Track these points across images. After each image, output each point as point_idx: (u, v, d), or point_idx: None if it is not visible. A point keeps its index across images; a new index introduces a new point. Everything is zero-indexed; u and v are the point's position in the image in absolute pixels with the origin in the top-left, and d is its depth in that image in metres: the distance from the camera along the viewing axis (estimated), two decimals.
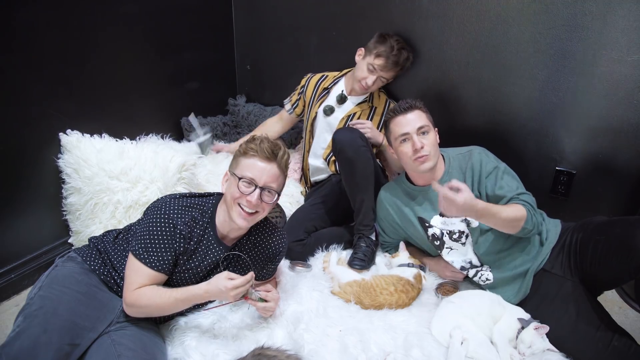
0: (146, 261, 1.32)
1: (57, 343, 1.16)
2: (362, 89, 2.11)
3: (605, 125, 1.94)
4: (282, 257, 1.65)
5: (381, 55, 2.03)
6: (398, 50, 2.05)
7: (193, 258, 1.39)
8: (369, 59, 2.06)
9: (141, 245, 1.33)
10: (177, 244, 1.35)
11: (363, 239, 1.89)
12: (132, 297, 1.31)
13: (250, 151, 1.37)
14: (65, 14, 1.84)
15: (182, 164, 2.00)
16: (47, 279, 1.33)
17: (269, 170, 1.37)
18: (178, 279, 1.40)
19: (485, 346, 1.42)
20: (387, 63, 2.04)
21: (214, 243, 1.41)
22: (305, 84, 2.31)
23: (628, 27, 1.78)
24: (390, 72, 2.09)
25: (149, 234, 1.33)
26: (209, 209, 1.43)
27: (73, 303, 1.26)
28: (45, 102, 1.83)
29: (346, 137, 1.82)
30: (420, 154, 1.60)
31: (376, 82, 2.08)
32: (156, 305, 1.31)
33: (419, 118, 1.64)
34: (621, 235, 1.38)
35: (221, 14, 2.66)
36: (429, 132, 1.63)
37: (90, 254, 1.43)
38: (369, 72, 2.06)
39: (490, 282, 1.64)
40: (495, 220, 1.49)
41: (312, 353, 1.41)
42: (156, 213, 1.35)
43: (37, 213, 1.90)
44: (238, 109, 2.72)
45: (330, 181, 2.19)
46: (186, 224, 1.36)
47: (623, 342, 1.36)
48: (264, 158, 1.37)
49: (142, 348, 1.28)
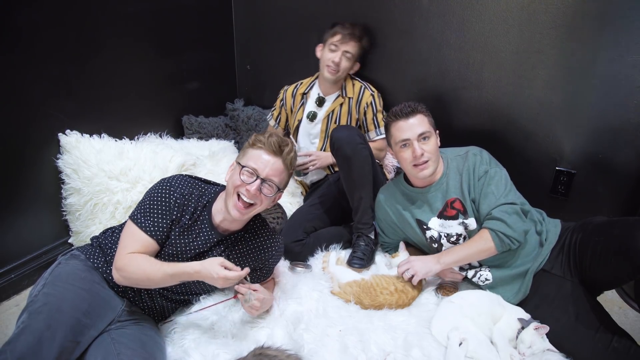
0: (142, 225, 1.36)
1: (61, 339, 1.16)
2: (333, 73, 2.10)
3: (605, 125, 1.94)
4: (275, 263, 1.64)
5: (336, 32, 2.10)
6: (350, 25, 2.12)
7: (185, 235, 1.41)
8: (327, 43, 2.12)
9: (139, 210, 1.39)
10: (172, 210, 1.39)
11: (362, 238, 1.89)
12: (123, 260, 1.33)
13: (258, 143, 1.41)
14: (65, 14, 1.84)
15: (182, 164, 2.00)
16: (50, 276, 1.33)
17: (272, 163, 1.39)
18: (167, 253, 1.41)
19: (485, 346, 1.42)
20: (343, 36, 2.08)
21: (207, 227, 1.44)
22: (283, 97, 2.34)
23: (628, 27, 1.78)
24: (351, 44, 2.10)
25: (148, 199, 1.40)
26: (209, 194, 1.46)
27: (77, 300, 1.27)
28: (45, 102, 1.83)
29: (343, 135, 1.82)
30: (419, 160, 1.60)
31: (342, 59, 2.09)
32: (145, 273, 1.32)
33: (421, 123, 1.61)
34: (620, 236, 1.37)
35: (221, 14, 2.66)
36: (430, 137, 1.62)
37: (93, 252, 1.44)
38: (332, 52, 2.09)
39: (490, 282, 1.64)
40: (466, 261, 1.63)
41: (312, 353, 1.41)
42: (158, 183, 1.43)
43: (37, 213, 1.90)
44: (237, 113, 2.72)
45: (327, 181, 2.19)
46: (183, 195, 1.41)
47: (623, 343, 1.36)
48: (270, 151, 1.39)
49: (141, 347, 1.28)
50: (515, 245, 1.54)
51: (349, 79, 2.22)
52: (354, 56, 2.13)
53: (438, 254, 1.64)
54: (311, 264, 1.89)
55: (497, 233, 1.52)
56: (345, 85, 2.20)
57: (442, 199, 1.67)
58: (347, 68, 2.13)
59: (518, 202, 1.56)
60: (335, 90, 2.20)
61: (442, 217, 1.68)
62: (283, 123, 2.39)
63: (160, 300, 1.46)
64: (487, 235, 1.54)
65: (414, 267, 1.62)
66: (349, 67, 2.14)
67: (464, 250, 1.59)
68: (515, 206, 1.55)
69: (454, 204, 1.65)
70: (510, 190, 1.59)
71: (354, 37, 2.10)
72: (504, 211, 1.53)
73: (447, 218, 1.66)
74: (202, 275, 1.31)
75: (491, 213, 1.55)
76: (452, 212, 1.65)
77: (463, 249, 1.60)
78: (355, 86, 2.20)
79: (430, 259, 1.63)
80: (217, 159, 2.36)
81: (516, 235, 1.52)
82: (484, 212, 1.58)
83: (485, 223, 1.56)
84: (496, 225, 1.53)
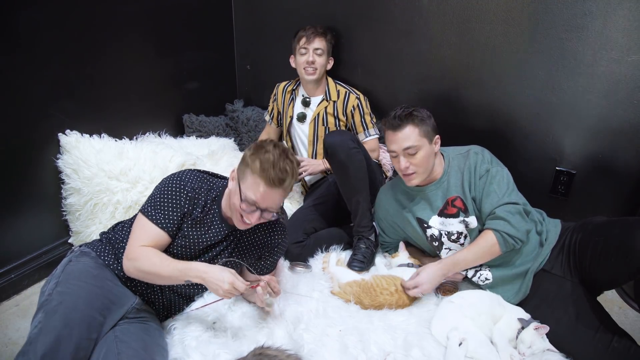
0: (153, 218, 1.37)
1: (77, 337, 1.17)
2: (312, 73, 2.17)
3: (605, 125, 1.94)
4: (281, 251, 1.64)
5: (300, 36, 2.17)
6: (311, 26, 2.19)
7: (197, 227, 1.42)
8: (296, 50, 2.19)
9: (150, 204, 1.40)
10: (184, 203, 1.40)
11: (363, 240, 1.89)
12: (135, 252, 1.35)
13: (257, 172, 1.33)
14: (65, 14, 1.84)
15: (182, 164, 2.00)
16: (63, 274, 1.34)
17: (272, 195, 1.35)
18: (179, 244, 1.42)
19: (485, 346, 1.42)
20: (307, 36, 2.15)
21: (217, 220, 1.45)
22: (275, 92, 2.41)
23: (628, 27, 1.78)
24: (317, 40, 2.16)
25: (159, 193, 1.40)
26: (217, 188, 1.47)
27: (91, 298, 1.28)
28: (45, 102, 1.84)
29: (337, 140, 1.82)
30: (406, 172, 1.61)
31: (315, 57, 2.15)
32: (154, 267, 1.33)
33: (409, 137, 1.57)
34: (620, 236, 1.37)
35: (221, 14, 2.66)
36: (418, 150, 1.58)
37: (104, 249, 1.45)
38: (302, 55, 2.16)
39: (490, 282, 1.64)
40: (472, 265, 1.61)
41: (312, 353, 1.41)
42: (168, 177, 1.44)
43: (37, 213, 1.90)
44: (237, 114, 2.71)
45: (327, 181, 2.19)
46: (194, 189, 1.42)
47: (623, 343, 1.36)
48: (269, 184, 1.33)
49: (143, 348, 1.28)
50: (519, 245, 1.54)
51: (332, 83, 2.25)
52: (324, 51, 2.19)
53: (442, 264, 1.59)
54: (311, 264, 1.89)
55: (502, 233, 1.52)
56: (328, 88, 2.24)
57: (442, 197, 1.67)
58: (323, 64, 2.19)
59: (520, 202, 1.56)
60: (319, 93, 2.25)
61: (442, 215, 1.67)
62: (276, 119, 2.44)
63: (169, 294, 1.48)
64: (491, 237, 1.54)
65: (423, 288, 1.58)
66: (324, 63, 2.20)
67: (469, 255, 1.57)
68: (518, 206, 1.54)
69: (455, 202, 1.65)
70: (513, 190, 1.59)
71: (318, 34, 2.17)
72: (507, 211, 1.53)
73: (447, 216, 1.66)
74: (209, 276, 1.32)
75: (494, 212, 1.55)
76: (452, 210, 1.65)
77: (468, 253, 1.57)
78: (340, 91, 2.23)
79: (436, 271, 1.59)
80: (217, 158, 2.36)
81: (520, 235, 1.52)
82: (486, 211, 1.57)
83: (488, 223, 1.56)
84: (500, 225, 1.52)
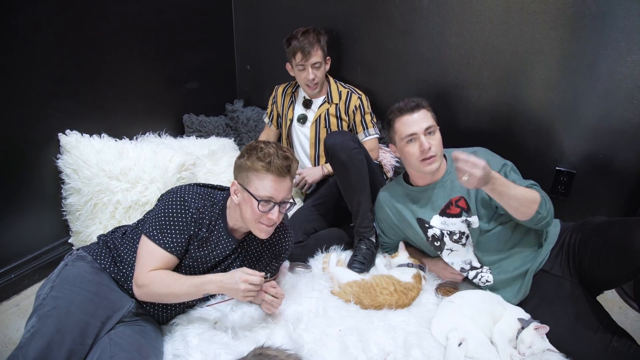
0: (160, 242, 1.34)
1: (69, 343, 1.17)
2: (312, 89, 2.17)
3: (605, 125, 1.94)
4: (287, 255, 1.66)
5: (295, 51, 2.09)
6: (303, 36, 2.09)
7: (204, 247, 1.41)
8: (293, 65, 2.14)
9: (155, 227, 1.36)
10: (189, 226, 1.37)
11: (364, 241, 1.89)
12: (145, 278, 1.32)
13: (262, 169, 1.34)
14: (65, 14, 1.84)
15: (182, 164, 2.00)
16: (58, 278, 1.33)
17: (284, 185, 1.37)
18: (187, 265, 1.41)
19: (485, 346, 1.42)
20: (303, 52, 2.07)
21: (224, 235, 1.44)
22: (274, 94, 2.39)
23: (628, 27, 1.78)
24: (314, 54, 2.09)
25: (163, 215, 1.36)
26: (219, 202, 1.45)
27: (85, 303, 1.27)
28: (45, 102, 1.83)
29: (337, 141, 1.82)
30: (427, 154, 1.58)
31: (315, 72, 2.12)
32: (169, 289, 1.32)
33: (426, 118, 1.61)
34: (619, 236, 1.37)
35: (221, 14, 2.66)
36: (435, 132, 1.62)
37: (100, 252, 1.44)
38: (302, 71, 2.12)
39: (490, 284, 1.64)
40: (509, 197, 1.42)
41: (312, 353, 1.41)
42: (170, 197, 1.39)
43: (37, 213, 1.90)
44: (237, 114, 2.71)
45: (327, 182, 2.19)
46: (198, 210, 1.39)
47: (622, 343, 1.36)
48: (278, 175, 1.35)
49: (136, 350, 1.28)
50: (547, 220, 1.48)
51: (334, 85, 2.25)
52: (322, 62, 2.15)
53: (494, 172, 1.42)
54: (311, 264, 1.89)
55: (544, 198, 1.48)
56: (330, 90, 2.23)
57: (445, 196, 1.66)
58: (323, 74, 2.17)
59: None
60: (321, 95, 2.24)
61: (444, 215, 1.67)
62: (275, 121, 2.43)
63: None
64: (536, 195, 1.47)
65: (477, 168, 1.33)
66: (323, 72, 2.18)
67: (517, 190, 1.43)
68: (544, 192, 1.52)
69: (458, 202, 1.64)
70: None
71: (313, 45, 2.08)
72: (540, 191, 1.51)
73: (449, 216, 1.66)
74: (225, 284, 1.32)
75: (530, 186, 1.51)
76: (455, 210, 1.65)
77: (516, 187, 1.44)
78: (342, 92, 2.23)
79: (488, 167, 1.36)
80: (217, 158, 2.36)
81: (552, 211, 1.49)
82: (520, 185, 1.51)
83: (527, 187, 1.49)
84: (542, 192, 1.50)
